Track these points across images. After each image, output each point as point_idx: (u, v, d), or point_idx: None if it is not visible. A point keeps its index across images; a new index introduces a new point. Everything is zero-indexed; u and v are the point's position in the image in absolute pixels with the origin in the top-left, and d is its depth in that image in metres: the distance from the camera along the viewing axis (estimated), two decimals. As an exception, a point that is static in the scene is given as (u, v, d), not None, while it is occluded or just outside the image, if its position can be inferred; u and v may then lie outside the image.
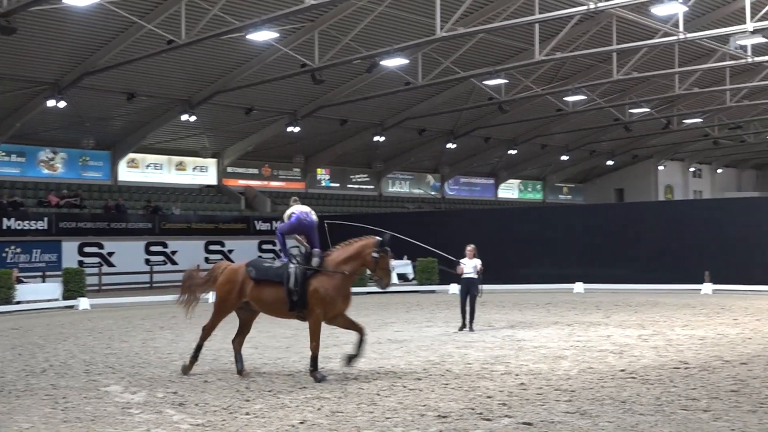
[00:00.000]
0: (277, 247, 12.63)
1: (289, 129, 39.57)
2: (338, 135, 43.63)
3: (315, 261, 11.71)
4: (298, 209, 12.44)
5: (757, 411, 8.92)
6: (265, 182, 45.55)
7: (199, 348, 12.22)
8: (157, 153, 41.02)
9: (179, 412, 9.43)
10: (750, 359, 12.44)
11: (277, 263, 12.02)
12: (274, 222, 40.44)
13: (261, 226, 40.31)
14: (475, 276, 17.24)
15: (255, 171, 45.26)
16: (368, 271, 12.30)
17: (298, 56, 29.28)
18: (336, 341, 14.66)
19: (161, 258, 36.54)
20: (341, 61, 29.73)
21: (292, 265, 11.68)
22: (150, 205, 37.69)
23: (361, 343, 11.62)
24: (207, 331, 12.31)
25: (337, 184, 49.12)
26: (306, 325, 11.73)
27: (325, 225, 12.99)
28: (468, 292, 17.15)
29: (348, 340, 13.57)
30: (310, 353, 11.48)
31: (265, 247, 39.99)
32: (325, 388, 10.71)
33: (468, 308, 17.07)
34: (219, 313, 12.30)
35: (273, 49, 30.22)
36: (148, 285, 34.61)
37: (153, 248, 36.42)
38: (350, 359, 11.73)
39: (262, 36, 26.78)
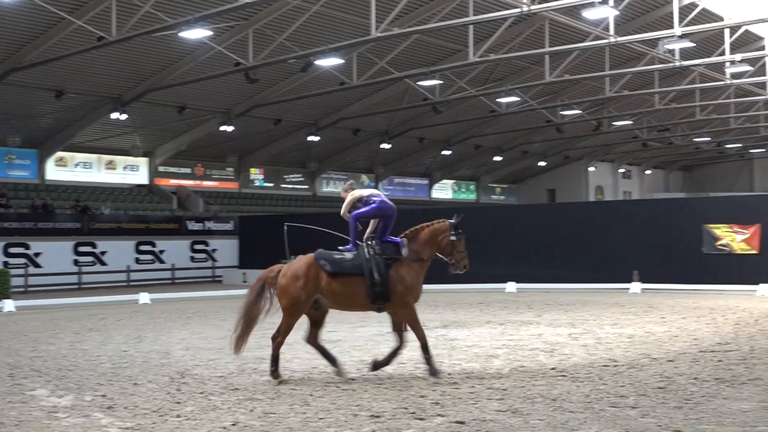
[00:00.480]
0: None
1: (223, 128, 39.22)
2: (272, 134, 43.38)
3: (404, 251, 11.21)
4: (369, 193, 11.71)
5: (683, 407, 9.11)
6: (198, 182, 45.05)
7: (275, 359, 11.20)
8: (86, 151, 40.23)
9: (108, 415, 9.24)
10: (676, 357, 12.71)
11: (347, 254, 11.29)
12: (206, 222, 40.13)
13: (193, 226, 39.84)
14: None
15: (187, 170, 44.72)
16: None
17: (231, 55, 29.01)
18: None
19: (90, 258, 35.82)
20: (275, 60, 29.55)
21: (368, 256, 11.08)
22: (79, 205, 36.94)
23: (395, 353, 11.36)
24: (281, 338, 11.28)
25: (271, 184, 48.85)
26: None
27: (285, 228, 12.51)
28: None
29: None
30: (240, 355, 11.14)
31: (197, 247, 39.60)
32: (258, 389, 10.61)
33: None
34: (292, 315, 11.22)
35: (206, 47, 29.89)
36: (76, 286, 33.94)
37: (82, 249, 35.67)
38: (376, 365, 11.40)
39: (195, 34, 26.49)
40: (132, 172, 42.30)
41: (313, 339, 11.55)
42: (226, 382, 11.16)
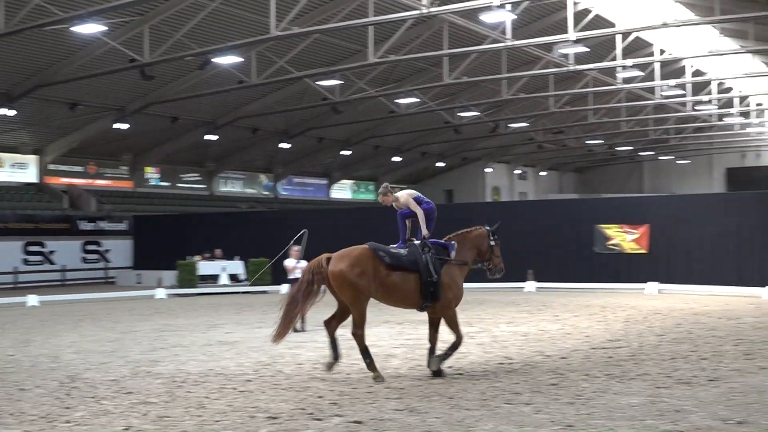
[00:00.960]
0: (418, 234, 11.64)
1: (117, 126, 38.27)
2: (169, 133, 42.58)
3: (453, 254, 11.50)
4: (415, 194, 11.83)
5: (575, 403, 9.33)
6: (90, 180, 43.80)
7: (365, 351, 11.09)
8: (-30, 148, 38.72)
9: (-8, 422, 8.89)
10: (569, 354, 13.01)
11: (402, 250, 11.36)
12: (99, 222, 39.10)
13: (85, 226, 38.75)
14: None
15: (79, 169, 43.44)
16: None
17: (127, 51, 28.30)
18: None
19: (-25, 260, 34.47)
20: (172, 57, 28.95)
21: (423, 255, 11.23)
22: (-37, 204, 35.51)
23: (431, 352, 11.48)
24: (360, 330, 11.08)
25: (167, 183, 47.94)
26: (135, 328, 11.26)
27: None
28: None
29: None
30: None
31: (89, 247, 38.54)
32: (152, 392, 10.37)
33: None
34: (361, 305, 11.07)
35: (100, 42, 29.06)
36: (-41, 288, 32.63)
37: (-35, 249, 34.32)
38: (437, 362, 11.37)
39: (89, 29, 25.71)
40: (20, 170, 40.79)
41: (333, 326, 11.39)
42: (118, 386, 10.87)
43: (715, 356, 12.62)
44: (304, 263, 17.22)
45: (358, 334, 11.04)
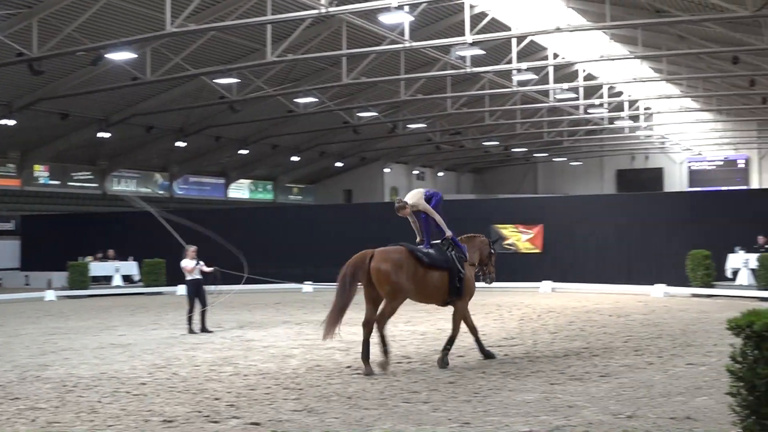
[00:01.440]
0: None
1: (3, 122, 36.87)
2: (59, 129, 41.24)
3: (467, 254, 12.38)
4: (423, 192, 12.42)
5: (472, 400, 9.45)
6: (-26, 178, 42.17)
7: (384, 340, 11.52)
8: None
9: None
10: (466, 352, 13.17)
11: (431, 250, 11.99)
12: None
13: (-31, 226, 37.29)
14: (201, 277, 17.00)
15: (-38, 166, 41.75)
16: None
17: (14, 44, 27.26)
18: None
19: None
20: (63, 52, 28.07)
21: (449, 254, 12.03)
22: None
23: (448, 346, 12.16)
24: (384, 322, 11.63)
25: (58, 182, 46.45)
26: (23, 331, 10.88)
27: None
28: (197, 294, 16.81)
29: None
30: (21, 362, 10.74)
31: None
32: (41, 397, 10.02)
33: (198, 309, 16.71)
34: (398, 301, 11.75)
35: (-15, 35, 27.96)
36: None
37: None
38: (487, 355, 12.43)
39: (-27, 20, 24.73)
40: None
41: (380, 324, 11.69)
42: (5, 392, 10.45)
43: (606, 353, 12.99)
44: (202, 264, 17.00)
45: (382, 324, 11.57)
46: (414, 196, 12.37)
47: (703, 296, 23.53)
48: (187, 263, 17.03)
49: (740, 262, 24.40)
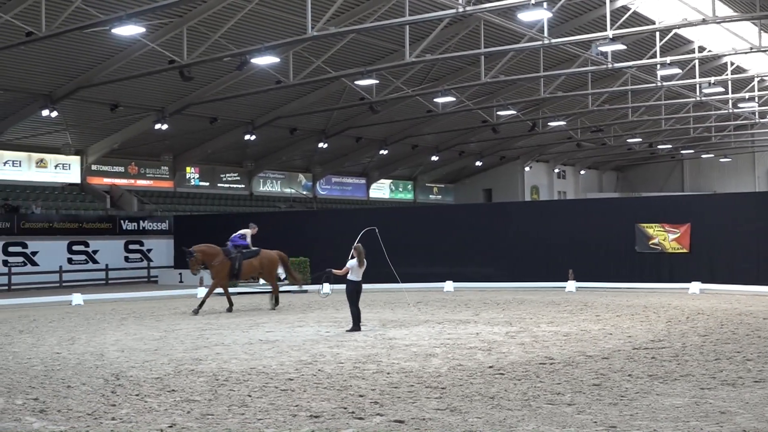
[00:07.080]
0: None
1: (157, 126, 38.63)
2: (208, 133, 42.90)
3: None
4: None
5: (618, 404, 9.25)
6: (132, 181, 44.37)
7: None
8: (15, 149, 39.32)
9: (40, 419, 9.00)
10: (611, 354, 12.90)
11: None
12: (141, 221, 39.54)
13: (127, 225, 39.22)
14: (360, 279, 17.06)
15: (121, 169, 43.99)
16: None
17: (166, 52, 28.59)
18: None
19: (21, 259, 35.02)
20: (211, 58, 29.20)
21: None
22: (8, 204, 36.05)
23: None
24: None
25: (207, 183, 48.35)
26: (177, 327, 11.36)
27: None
28: (358, 293, 16.92)
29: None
30: (176, 356, 11.13)
31: (132, 247, 39.02)
32: (195, 390, 10.46)
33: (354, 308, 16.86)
34: None
35: (139, 44, 29.39)
36: (6, 287, 33.13)
37: (11, 249, 34.84)
38: None
39: (128, 30, 25.92)
40: (63, 170, 41.42)
41: None
42: (162, 384, 10.98)
43: (761, 357, 12.44)
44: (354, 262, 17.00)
45: None
46: None
47: None
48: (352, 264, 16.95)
49: None
